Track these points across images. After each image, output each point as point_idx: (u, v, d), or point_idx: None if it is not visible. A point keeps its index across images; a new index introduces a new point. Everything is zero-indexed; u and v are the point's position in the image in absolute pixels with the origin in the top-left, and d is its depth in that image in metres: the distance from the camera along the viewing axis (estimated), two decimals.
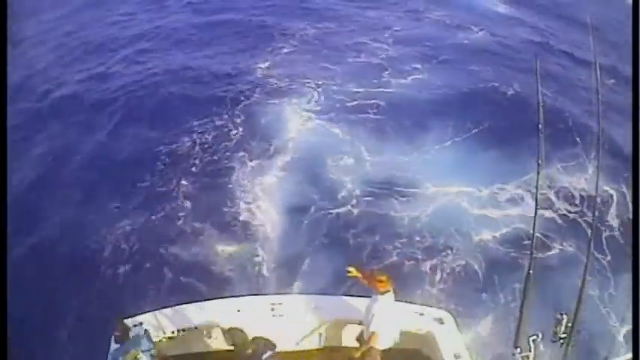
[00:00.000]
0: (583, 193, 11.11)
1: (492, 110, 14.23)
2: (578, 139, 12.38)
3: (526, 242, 9.51)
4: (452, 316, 5.61)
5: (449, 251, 9.74)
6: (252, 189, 11.00)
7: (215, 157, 11.96)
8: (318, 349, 5.85)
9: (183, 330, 5.33)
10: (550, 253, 9.78)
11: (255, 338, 4.71)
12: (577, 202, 11.03)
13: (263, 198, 10.76)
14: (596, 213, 9.68)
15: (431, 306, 5.97)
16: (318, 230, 10.05)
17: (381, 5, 22.66)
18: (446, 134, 12.88)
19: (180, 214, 10.27)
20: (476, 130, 13.08)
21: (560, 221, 10.58)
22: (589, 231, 9.82)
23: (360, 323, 5.40)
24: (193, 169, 11.60)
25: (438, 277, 9.21)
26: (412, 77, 16.06)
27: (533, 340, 3.66)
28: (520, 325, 3.75)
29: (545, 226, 10.13)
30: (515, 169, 11.41)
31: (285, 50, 17.62)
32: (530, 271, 3.90)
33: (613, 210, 10.85)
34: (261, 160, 11.88)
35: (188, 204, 10.49)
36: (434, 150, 12.39)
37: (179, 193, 10.81)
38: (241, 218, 10.23)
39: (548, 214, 10.65)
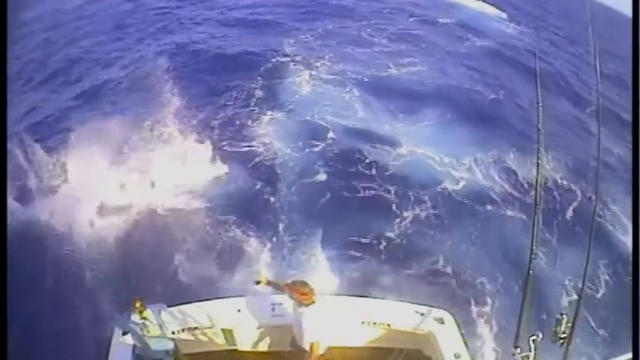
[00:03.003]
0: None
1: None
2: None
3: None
4: (452, 316, 5.38)
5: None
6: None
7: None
8: None
9: (184, 330, 5.05)
10: (503, 212, 11.08)
11: None
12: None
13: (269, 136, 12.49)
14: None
15: (430, 306, 5.79)
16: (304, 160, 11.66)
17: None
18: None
19: None
20: (449, 116, 14.44)
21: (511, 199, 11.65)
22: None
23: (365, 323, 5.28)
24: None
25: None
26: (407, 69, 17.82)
27: (534, 340, 3.48)
28: (520, 325, 3.56)
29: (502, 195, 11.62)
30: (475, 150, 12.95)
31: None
32: (530, 272, 3.74)
33: (575, 204, 11.55)
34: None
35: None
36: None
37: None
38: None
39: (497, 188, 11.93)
